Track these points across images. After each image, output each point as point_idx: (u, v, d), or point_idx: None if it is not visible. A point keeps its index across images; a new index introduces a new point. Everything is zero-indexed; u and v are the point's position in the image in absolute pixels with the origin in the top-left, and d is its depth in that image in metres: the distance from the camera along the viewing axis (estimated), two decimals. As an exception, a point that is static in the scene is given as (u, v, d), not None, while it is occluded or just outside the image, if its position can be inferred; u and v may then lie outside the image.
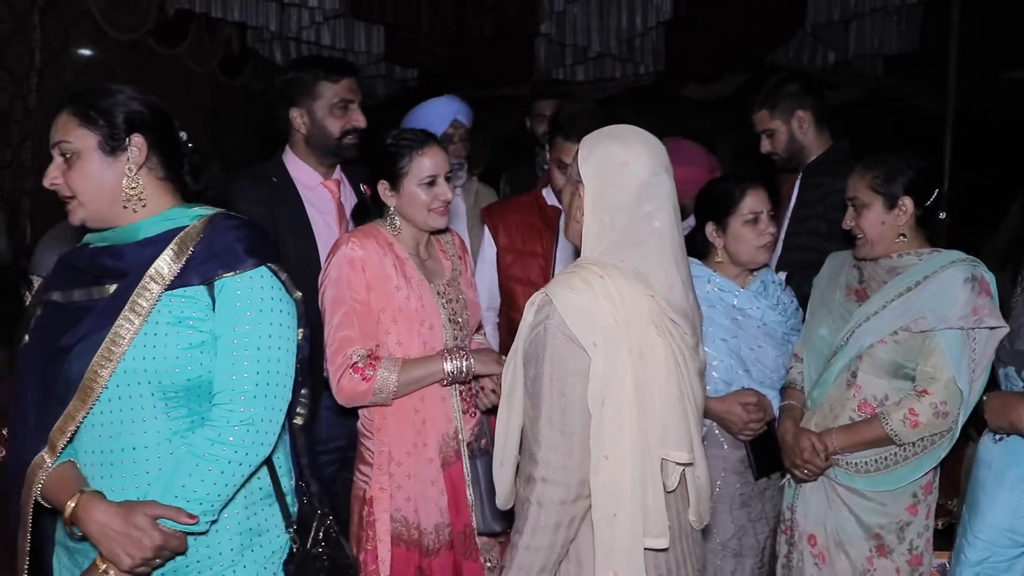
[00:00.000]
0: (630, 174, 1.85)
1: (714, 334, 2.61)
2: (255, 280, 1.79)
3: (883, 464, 2.46)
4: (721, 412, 2.59)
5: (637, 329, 1.80)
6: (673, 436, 1.83)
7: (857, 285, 2.57)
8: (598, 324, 1.77)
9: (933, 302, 2.38)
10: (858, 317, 2.49)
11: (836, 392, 2.54)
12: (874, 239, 2.50)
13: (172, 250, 1.75)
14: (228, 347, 1.76)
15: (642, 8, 6.22)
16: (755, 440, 2.61)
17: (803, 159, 3.21)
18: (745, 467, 2.64)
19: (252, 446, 1.77)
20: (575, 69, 7.26)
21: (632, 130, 1.95)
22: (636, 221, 1.84)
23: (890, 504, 2.48)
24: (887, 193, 2.47)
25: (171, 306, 1.75)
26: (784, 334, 2.70)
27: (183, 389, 1.76)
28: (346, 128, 2.86)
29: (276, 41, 6.45)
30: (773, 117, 3.22)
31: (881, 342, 2.44)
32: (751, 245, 2.61)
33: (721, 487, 2.63)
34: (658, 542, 1.80)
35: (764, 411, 2.61)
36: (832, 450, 2.48)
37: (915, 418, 2.37)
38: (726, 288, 2.65)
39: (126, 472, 1.75)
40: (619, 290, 1.80)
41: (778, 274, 2.95)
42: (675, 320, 1.85)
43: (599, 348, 1.76)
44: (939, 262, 2.42)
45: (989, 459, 2.41)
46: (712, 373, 2.60)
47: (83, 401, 1.73)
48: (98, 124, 1.76)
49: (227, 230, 1.80)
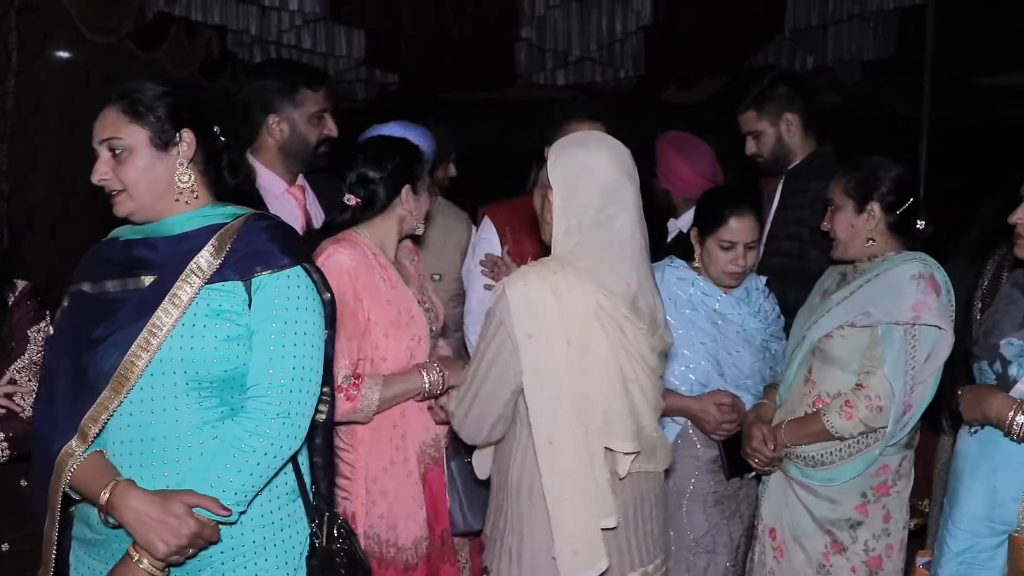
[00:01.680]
0: (594, 179, 1.98)
1: (694, 337, 2.65)
2: (292, 279, 1.84)
3: (828, 459, 2.52)
4: (696, 411, 2.63)
5: (579, 324, 1.93)
6: (617, 426, 1.95)
7: (834, 289, 2.61)
8: (539, 316, 1.92)
9: (878, 297, 2.43)
10: (818, 313, 2.55)
11: (796, 388, 2.61)
12: (844, 241, 2.56)
13: (213, 245, 1.80)
14: (265, 342, 1.81)
15: (622, 13, 6.25)
16: (728, 440, 2.65)
17: (787, 163, 3.20)
18: (718, 467, 2.68)
19: (287, 439, 1.82)
20: (555, 73, 7.28)
21: (599, 137, 2.11)
22: (600, 223, 1.96)
23: (839, 500, 2.53)
24: (858, 197, 2.53)
25: (210, 299, 1.79)
26: (763, 340, 2.74)
27: (218, 380, 1.80)
28: (322, 137, 2.85)
29: (256, 45, 6.43)
30: (761, 119, 3.17)
31: (828, 336, 2.50)
32: (719, 268, 2.67)
33: (695, 485, 2.68)
34: (606, 522, 1.94)
35: (738, 412, 2.65)
36: (780, 442, 2.54)
37: (851, 411, 2.43)
38: (709, 292, 2.69)
39: (156, 461, 1.78)
40: (568, 286, 1.93)
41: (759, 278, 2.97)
42: (629, 317, 1.96)
43: (533, 339, 1.92)
44: (895, 261, 2.48)
45: (965, 451, 2.44)
46: (689, 375, 2.65)
47: (117, 391, 1.76)
48: (148, 120, 1.80)
49: (264, 230, 1.86)
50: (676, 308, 2.65)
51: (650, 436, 2.04)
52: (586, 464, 1.93)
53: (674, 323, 2.61)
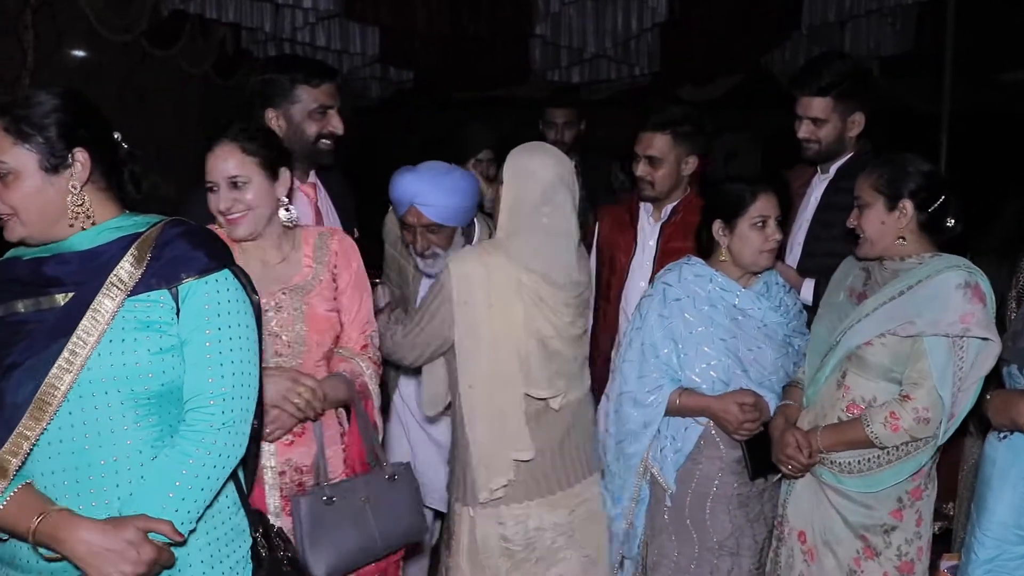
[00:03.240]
0: (535, 181, 2.53)
1: (713, 334, 2.61)
2: (221, 283, 1.77)
3: (866, 466, 2.46)
4: (717, 410, 2.59)
5: (500, 294, 2.49)
6: (535, 377, 2.53)
7: (860, 288, 2.56)
8: (472, 287, 2.49)
9: (923, 307, 2.35)
10: (852, 318, 2.48)
11: (827, 392, 2.54)
12: (873, 239, 2.49)
13: (133, 255, 1.71)
14: (200, 350, 1.74)
15: (637, 10, 6.20)
16: (751, 441, 2.61)
17: (834, 159, 3.09)
18: (742, 467, 2.63)
19: (234, 448, 1.76)
20: (570, 71, 7.24)
21: (544, 147, 2.69)
22: (532, 217, 2.52)
23: (874, 506, 2.47)
24: (889, 194, 2.46)
25: (136, 312, 1.70)
26: (785, 336, 2.69)
27: (156, 396, 1.71)
28: (322, 132, 2.77)
29: (271, 42, 6.42)
30: (835, 109, 3.01)
31: (868, 344, 2.43)
32: (755, 249, 2.60)
33: (718, 487, 2.64)
34: (522, 455, 2.52)
35: (760, 412, 2.60)
36: (816, 448, 2.48)
37: (896, 422, 2.36)
38: (728, 288, 2.64)
39: (95, 488, 1.68)
40: (496, 264, 2.50)
41: (804, 280, 2.94)
42: (548, 289, 2.52)
43: (466, 305, 2.50)
44: (936, 267, 2.40)
45: (994, 457, 2.40)
46: (710, 372, 2.61)
47: (38, 419, 1.64)
48: (35, 141, 1.68)
49: (184, 235, 1.77)
50: (695, 305, 2.62)
51: (571, 371, 2.63)
52: (497, 406, 2.52)
53: (693, 320, 2.60)
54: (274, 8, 5.75)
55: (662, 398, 2.61)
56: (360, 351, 2.46)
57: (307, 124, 2.74)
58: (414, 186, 2.78)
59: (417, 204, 2.77)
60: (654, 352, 2.65)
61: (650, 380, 2.64)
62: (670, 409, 2.63)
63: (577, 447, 2.65)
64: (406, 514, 2.37)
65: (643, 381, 2.65)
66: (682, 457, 2.65)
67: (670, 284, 2.67)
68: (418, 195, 2.77)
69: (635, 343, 2.69)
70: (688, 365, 2.62)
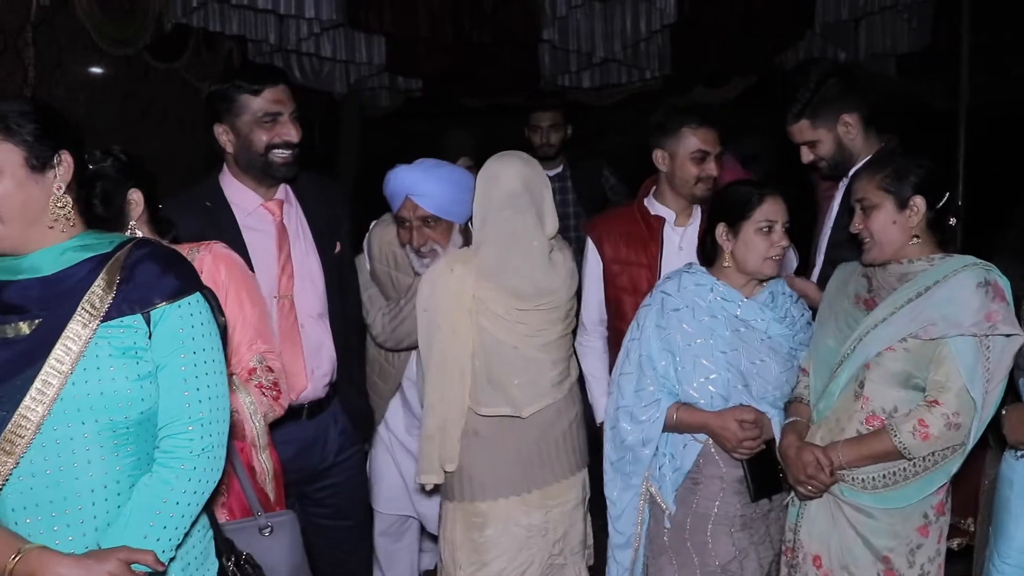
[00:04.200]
0: (498, 186, 2.60)
1: (713, 346, 2.49)
2: (193, 306, 1.74)
3: (891, 480, 2.31)
4: (715, 427, 2.47)
5: (454, 309, 2.57)
6: (482, 395, 2.62)
7: (866, 294, 2.43)
8: (434, 295, 2.60)
9: (944, 308, 2.23)
10: (865, 325, 2.35)
11: (842, 404, 2.40)
12: (883, 242, 2.35)
13: (103, 279, 1.66)
14: (176, 375, 1.71)
15: (646, 12, 6.10)
16: (752, 459, 2.49)
17: (851, 165, 2.87)
18: (744, 487, 2.51)
19: (212, 472, 1.74)
20: (580, 75, 7.16)
21: (514, 154, 2.70)
22: (499, 222, 2.59)
23: (899, 525, 2.33)
24: (898, 192, 2.33)
25: (110, 337, 1.66)
26: (791, 349, 2.57)
27: (134, 424, 1.67)
28: (273, 142, 2.58)
29: (277, 54, 6.38)
30: (816, 127, 2.85)
31: (889, 350, 2.30)
32: (759, 255, 2.49)
33: (720, 508, 2.52)
34: (447, 466, 2.65)
35: (762, 429, 2.48)
36: (838, 464, 2.34)
37: (926, 430, 2.23)
38: (729, 297, 2.52)
39: (71, 521, 1.64)
40: (457, 282, 2.58)
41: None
42: (509, 303, 2.58)
43: (425, 312, 2.63)
44: (950, 266, 2.28)
45: (1012, 477, 2.28)
46: (709, 387, 2.49)
47: (9, 452, 1.59)
48: (21, 136, 1.64)
49: (154, 258, 1.72)
50: (695, 316, 2.51)
51: (549, 376, 2.67)
52: (445, 415, 2.62)
53: (692, 332, 2.48)
54: (278, 19, 5.71)
55: (660, 413, 2.50)
56: (247, 377, 2.26)
57: (255, 134, 2.58)
58: (409, 178, 2.77)
59: (412, 195, 2.75)
60: (651, 365, 2.54)
61: (647, 394, 2.53)
62: (667, 425, 2.52)
63: (556, 446, 2.70)
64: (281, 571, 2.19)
65: (640, 395, 2.54)
66: (681, 476, 2.54)
67: (669, 293, 2.57)
68: (413, 185, 2.76)
69: (632, 355, 2.59)
70: (686, 379, 2.51)
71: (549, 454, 2.69)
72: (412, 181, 2.76)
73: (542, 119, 4.66)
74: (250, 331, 2.30)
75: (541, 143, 4.65)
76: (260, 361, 2.30)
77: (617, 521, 2.65)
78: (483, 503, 2.66)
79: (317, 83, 6.76)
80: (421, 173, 2.78)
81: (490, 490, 2.66)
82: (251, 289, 2.35)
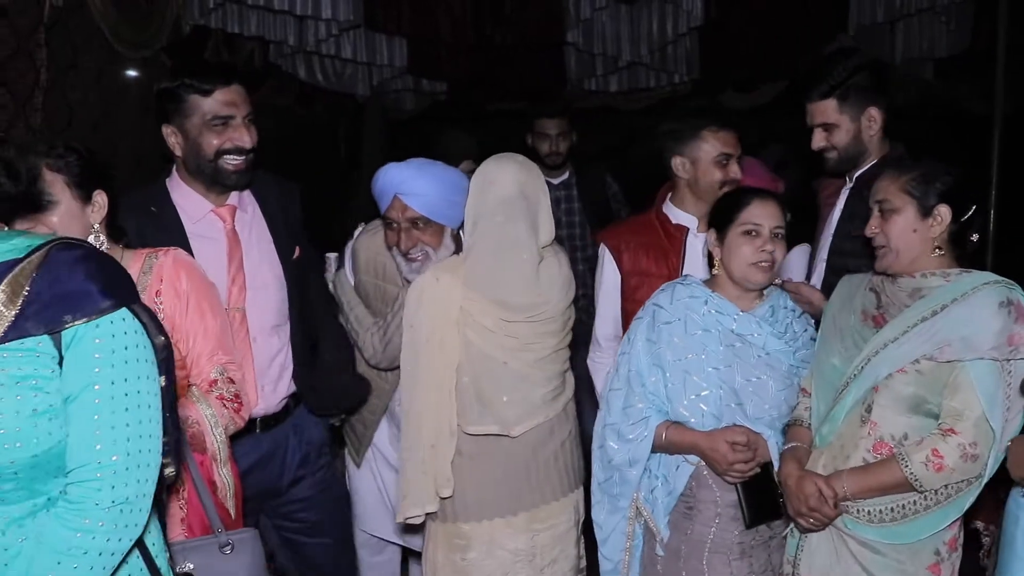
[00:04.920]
0: (493, 190, 2.48)
1: (704, 362, 2.34)
2: (116, 326, 1.46)
3: (900, 513, 2.14)
4: (705, 448, 2.32)
5: (439, 324, 2.44)
6: (469, 413, 2.49)
7: (875, 310, 2.26)
8: (419, 309, 2.47)
9: (962, 328, 2.06)
10: (875, 344, 2.18)
11: (848, 429, 2.23)
12: (900, 249, 2.18)
13: (4, 293, 1.39)
14: (88, 410, 1.43)
15: (673, 14, 5.95)
16: (747, 483, 2.33)
17: (858, 164, 2.79)
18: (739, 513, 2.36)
19: (127, 529, 1.45)
20: (607, 79, 7.01)
21: (511, 157, 2.57)
22: (490, 227, 2.47)
23: (908, 562, 2.16)
24: (923, 198, 2.16)
25: (5, 363, 1.38)
26: (790, 366, 2.41)
27: (27, 467, 1.41)
28: (223, 147, 2.43)
29: (298, 55, 6.31)
30: (842, 111, 2.73)
31: (900, 372, 2.13)
32: (744, 260, 2.34)
33: (715, 535, 2.37)
34: (443, 491, 2.49)
35: (755, 451, 2.32)
36: (842, 496, 2.17)
37: (939, 460, 2.06)
38: (724, 310, 2.38)
39: None
40: (444, 292, 2.45)
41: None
42: (498, 315, 2.45)
43: (411, 327, 2.48)
44: (969, 283, 2.11)
45: (1018, 514, 2.10)
46: (700, 405, 2.34)
47: None
48: None
49: (74, 264, 1.43)
50: (687, 330, 2.36)
51: (541, 393, 2.53)
52: (433, 437, 2.47)
53: (683, 346, 2.34)
54: (297, 20, 5.63)
55: (648, 431, 2.36)
56: (208, 389, 2.14)
57: (205, 138, 2.44)
58: (399, 175, 2.63)
59: (401, 194, 2.61)
60: (640, 381, 2.40)
61: (635, 411, 2.39)
62: (656, 445, 2.37)
63: (547, 466, 2.57)
64: None
65: (628, 412, 2.40)
66: (673, 499, 2.40)
67: (661, 306, 2.43)
68: (403, 183, 2.62)
69: (622, 370, 2.45)
70: (676, 396, 2.36)
71: (539, 474, 2.56)
72: (402, 179, 2.61)
73: (549, 126, 4.53)
74: (211, 342, 2.19)
75: (550, 151, 4.51)
76: (221, 372, 2.19)
77: (604, 546, 2.53)
78: (466, 524, 2.53)
79: (339, 85, 6.68)
80: (412, 171, 2.62)
81: (474, 511, 2.52)
82: (212, 298, 2.24)
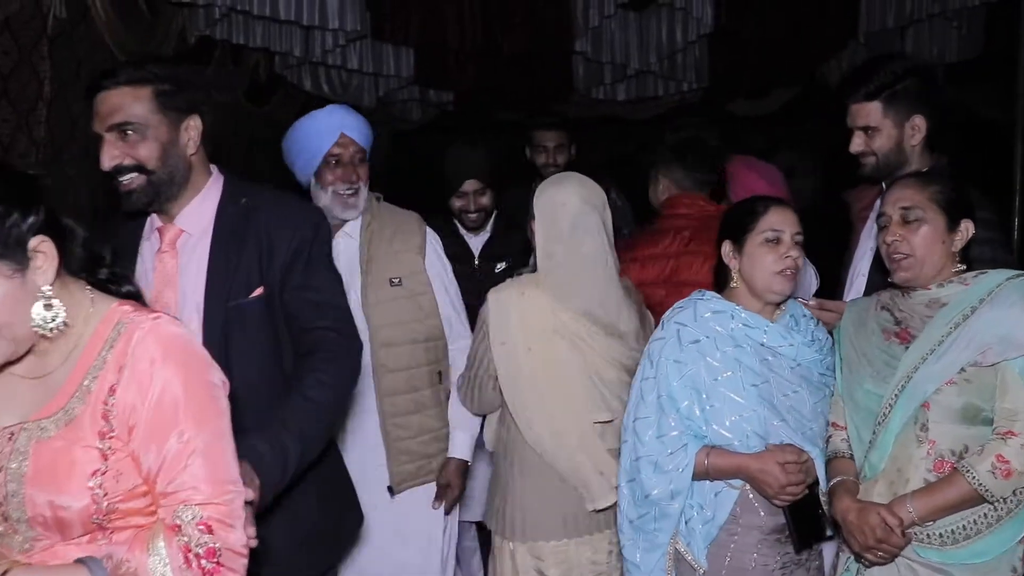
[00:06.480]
0: (565, 211, 2.55)
1: (743, 379, 2.24)
2: None
3: (973, 530, 2.04)
4: (754, 471, 2.21)
5: (537, 334, 2.55)
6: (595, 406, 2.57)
7: (894, 327, 2.20)
8: (508, 326, 2.57)
9: (997, 328, 2.02)
10: (910, 361, 2.11)
11: (902, 452, 2.13)
12: (926, 261, 2.14)
13: None
14: None
15: (682, 21, 5.90)
16: (795, 505, 2.22)
17: (894, 174, 2.63)
18: (785, 537, 2.26)
19: None
20: (615, 87, 6.94)
21: (568, 176, 2.69)
22: (570, 249, 2.54)
23: None
24: (952, 211, 2.14)
25: None
26: (821, 375, 2.32)
27: None
28: (108, 166, 2.06)
29: (305, 67, 6.26)
30: (886, 114, 2.60)
31: (949, 383, 2.06)
32: (767, 269, 2.25)
33: (757, 561, 2.25)
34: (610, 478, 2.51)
35: (807, 472, 2.23)
36: (910, 521, 2.06)
37: (1006, 466, 1.97)
38: (753, 324, 2.28)
39: None
40: (533, 304, 2.56)
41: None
42: (588, 327, 2.55)
43: (503, 345, 2.58)
44: (989, 283, 2.08)
45: None
46: (743, 425, 2.23)
47: None
48: None
49: None
50: (717, 347, 2.26)
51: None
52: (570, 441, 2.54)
53: (717, 365, 2.23)
54: (302, 31, 5.57)
55: (688, 459, 2.24)
56: (169, 532, 1.43)
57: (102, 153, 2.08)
58: (339, 112, 2.92)
59: (347, 130, 2.87)
60: (674, 405, 2.28)
61: (672, 440, 2.26)
62: (698, 472, 2.25)
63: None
64: None
65: (663, 441, 2.27)
66: (715, 528, 2.27)
67: (685, 324, 2.32)
68: (346, 119, 2.90)
69: (648, 396, 2.31)
70: (716, 418, 2.25)
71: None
72: (342, 116, 2.88)
73: (547, 139, 4.46)
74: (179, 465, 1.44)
75: (547, 163, 4.43)
76: (194, 516, 1.44)
77: None
78: (546, 543, 2.60)
79: (345, 96, 6.61)
80: (344, 110, 2.93)
81: (554, 529, 2.60)
82: (203, 401, 1.49)
